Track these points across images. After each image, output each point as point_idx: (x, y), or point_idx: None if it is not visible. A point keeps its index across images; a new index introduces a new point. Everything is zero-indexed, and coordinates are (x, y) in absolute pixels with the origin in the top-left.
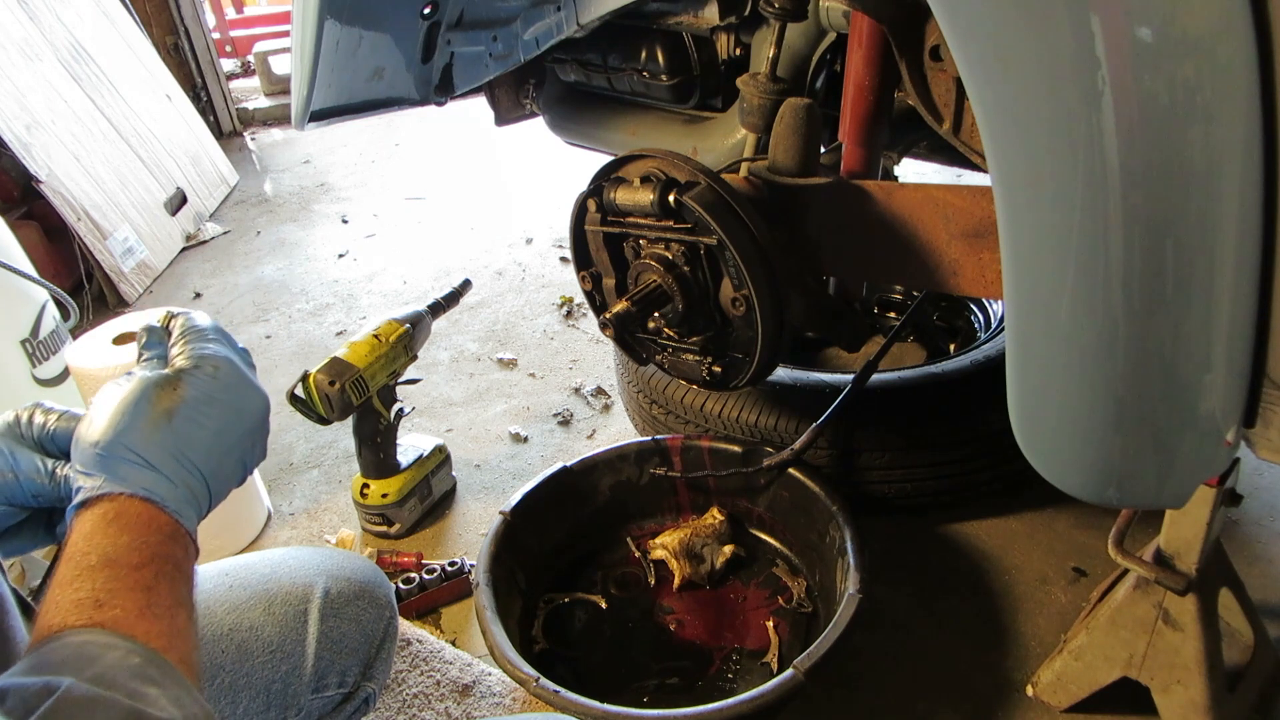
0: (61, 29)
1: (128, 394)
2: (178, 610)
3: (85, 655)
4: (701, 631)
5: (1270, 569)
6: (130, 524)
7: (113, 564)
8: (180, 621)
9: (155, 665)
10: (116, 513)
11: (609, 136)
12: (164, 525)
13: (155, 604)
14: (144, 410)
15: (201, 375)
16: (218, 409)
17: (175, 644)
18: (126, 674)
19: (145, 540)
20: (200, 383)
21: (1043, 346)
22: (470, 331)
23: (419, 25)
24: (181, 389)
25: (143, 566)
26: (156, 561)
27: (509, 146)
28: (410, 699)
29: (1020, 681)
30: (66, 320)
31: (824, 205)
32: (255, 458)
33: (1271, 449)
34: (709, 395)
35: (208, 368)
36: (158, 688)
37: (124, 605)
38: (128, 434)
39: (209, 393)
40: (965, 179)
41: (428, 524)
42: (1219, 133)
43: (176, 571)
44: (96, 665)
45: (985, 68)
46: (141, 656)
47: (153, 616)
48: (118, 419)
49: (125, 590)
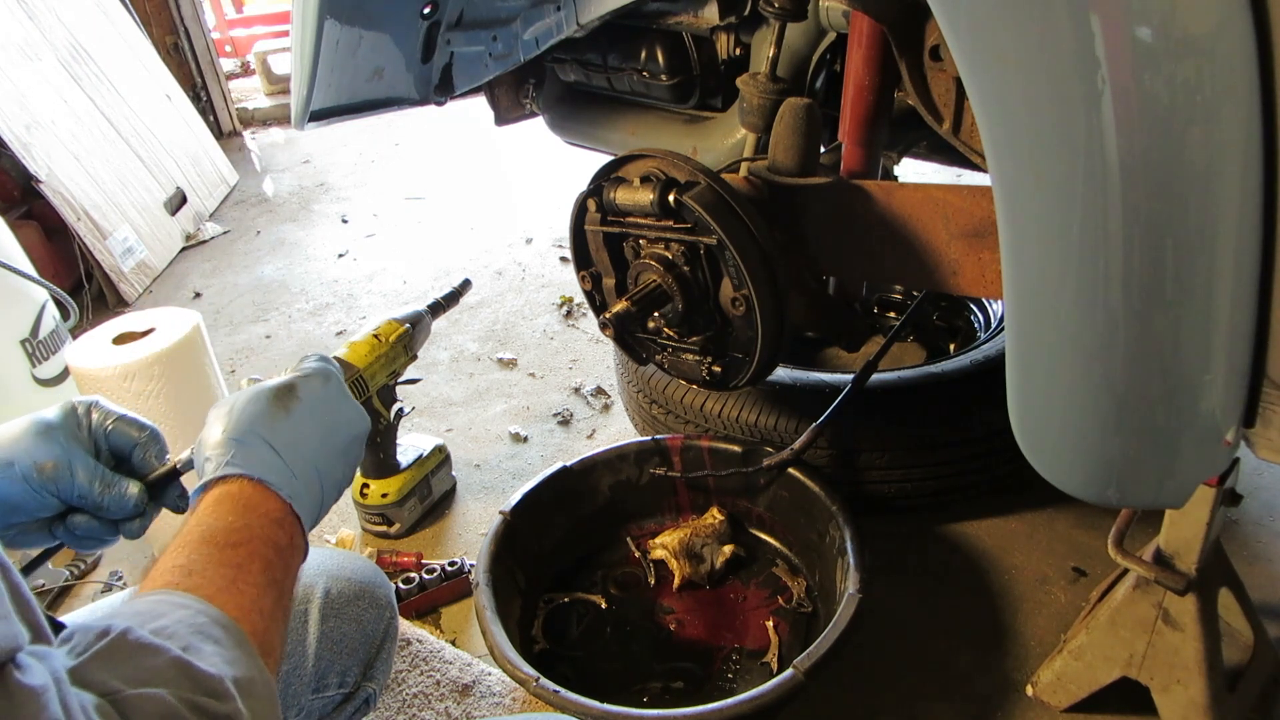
0: (61, 29)
1: (247, 395)
2: (266, 591)
3: (155, 611)
4: (701, 631)
5: (1270, 569)
6: (236, 505)
7: (209, 540)
8: (266, 602)
9: (221, 627)
10: (227, 494)
11: (609, 136)
12: (272, 510)
13: (242, 580)
14: (263, 406)
15: (313, 382)
16: (328, 412)
17: (252, 619)
18: (187, 629)
19: (247, 522)
20: (312, 388)
21: (1043, 346)
22: (470, 331)
23: (419, 25)
24: (296, 391)
25: (239, 545)
26: (254, 543)
27: (509, 146)
28: (410, 699)
29: (1020, 681)
30: (66, 320)
31: (824, 205)
32: (351, 474)
33: (1271, 449)
34: (709, 395)
35: (317, 378)
36: (216, 646)
37: (210, 576)
38: (252, 423)
39: (320, 397)
40: (965, 179)
41: (428, 524)
42: (1219, 133)
43: (276, 555)
44: (162, 619)
45: (985, 68)
46: (209, 618)
47: (236, 591)
48: (240, 414)
49: (215, 565)
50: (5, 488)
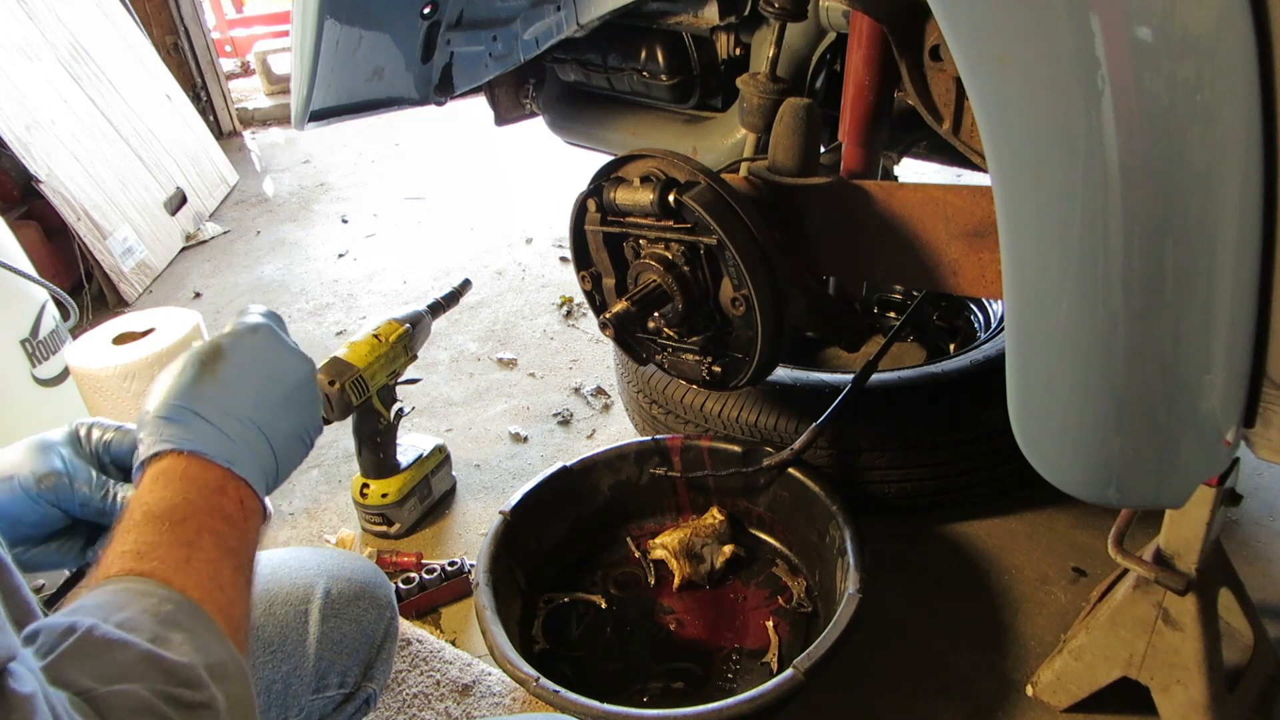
0: (61, 29)
1: (175, 365)
2: (222, 563)
3: (116, 602)
4: (701, 631)
5: (1270, 569)
6: (173, 480)
7: (155, 519)
8: (224, 574)
9: (187, 613)
10: (162, 470)
11: (609, 136)
12: (211, 479)
13: (195, 558)
14: (190, 373)
15: (242, 339)
16: (261, 366)
17: (215, 596)
18: (153, 620)
19: (187, 496)
20: (241, 345)
21: (1043, 346)
22: (470, 331)
23: (419, 25)
24: (223, 352)
25: (185, 521)
26: (199, 516)
27: (509, 146)
28: (410, 699)
29: (1020, 681)
30: (66, 320)
31: (824, 205)
32: (312, 426)
33: (1271, 449)
34: (709, 395)
35: (245, 334)
36: (184, 633)
37: (163, 558)
38: (175, 394)
39: (250, 353)
40: (965, 179)
41: (427, 524)
42: (1219, 132)
43: (227, 526)
44: (126, 610)
45: (985, 67)
46: (174, 604)
47: (192, 570)
48: (166, 386)
49: (166, 544)
50: (6, 501)
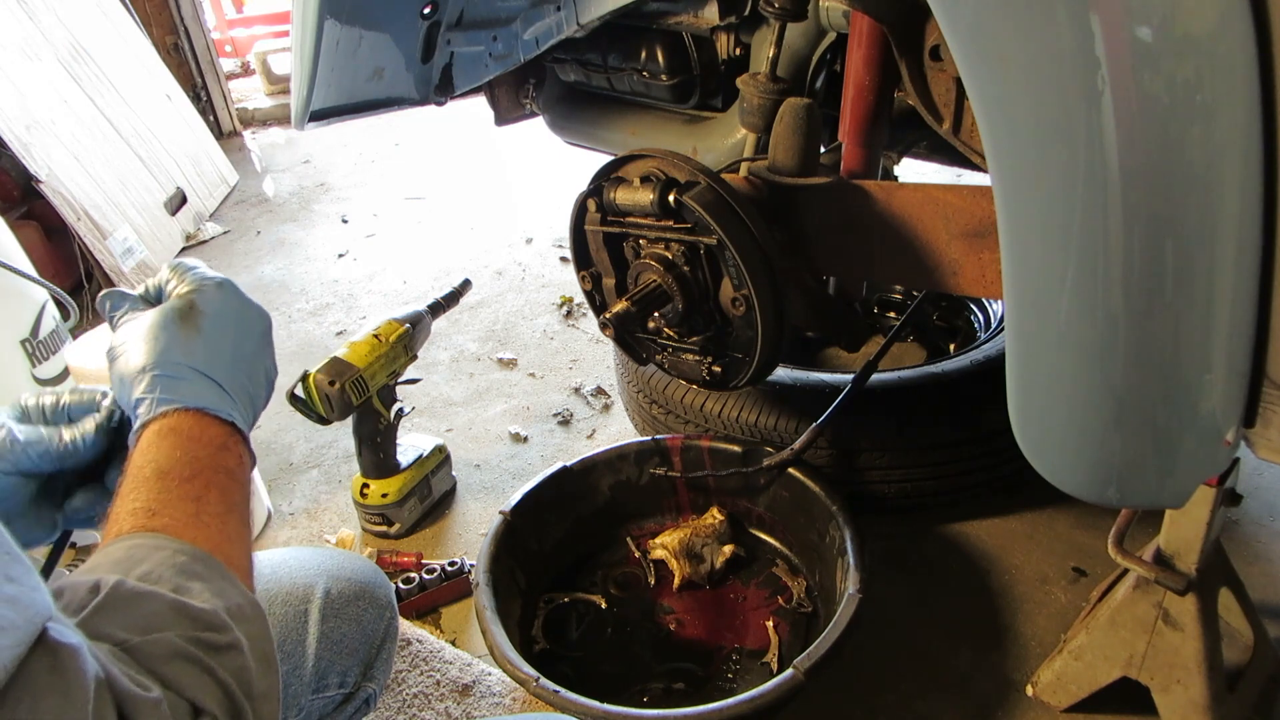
0: (61, 29)
1: (154, 323)
2: (229, 517)
3: (134, 557)
4: (701, 631)
5: (1270, 569)
6: (183, 438)
7: (165, 476)
8: (231, 527)
9: (201, 562)
10: (170, 428)
11: (609, 136)
12: (215, 436)
13: (205, 512)
14: (174, 331)
15: (209, 293)
16: (234, 320)
17: (223, 547)
18: (172, 571)
19: (195, 454)
20: (211, 300)
21: (1043, 346)
22: (470, 331)
23: (419, 25)
24: (198, 307)
25: (194, 478)
26: (207, 472)
27: (509, 146)
28: (410, 699)
29: (1020, 681)
30: (66, 320)
31: (824, 205)
32: (273, 371)
33: (1271, 449)
34: (709, 395)
35: (211, 287)
36: (201, 582)
37: (174, 514)
38: (169, 352)
39: (222, 307)
40: (965, 179)
41: (428, 524)
42: (1219, 132)
43: (229, 480)
44: (144, 564)
45: (985, 67)
46: (188, 555)
47: (201, 524)
48: (154, 343)
49: (177, 500)
50: None
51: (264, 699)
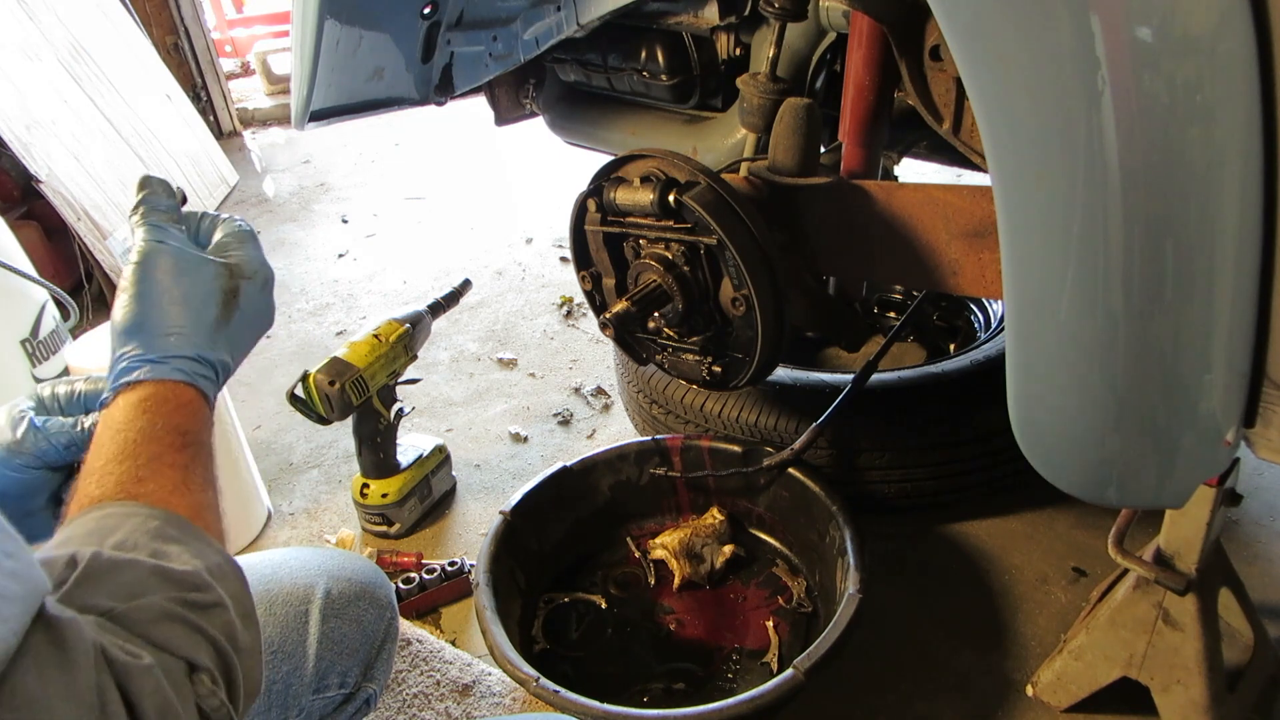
0: (61, 29)
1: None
2: (207, 488)
3: (106, 527)
4: (701, 631)
5: (1270, 569)
6: (178, 409)
7: (156, 443)
8: (210, 497)
9: (174, 525)
10: (166, 396)
11: (609, 136)
12: (203, 415)
13: (189, 481)
14: (214, 312)
15: (255, 286)
16: (259, 320)
17: (203, 515)
18: (147, 537)
19: (189, 427)
20: (253, 294)
21: (1043, 346)
22: (470, 331)
23: (419, 25)
24: (240, 296)
25: (184, 449)
26: (194, 446)
27: (509, 146)
28: (410, 699)
29: (1020, 681)
30: (66, 320)
31: (824, 205)
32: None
33: (1271, 449)
34: (709, 395)
35: (260, 279)
36: (179, 545)
37: (160, 482)
38: (197, 328)
39: (255, 306)
40: (965, 179)
41: (428, 524)
42: (1219, 132)
43: (209, 455)
44: (118, 533)
45: (985, 67)
46: (160, 519)
47: (185, 492)
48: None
49: (165, 469)
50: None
51: (248, 652)
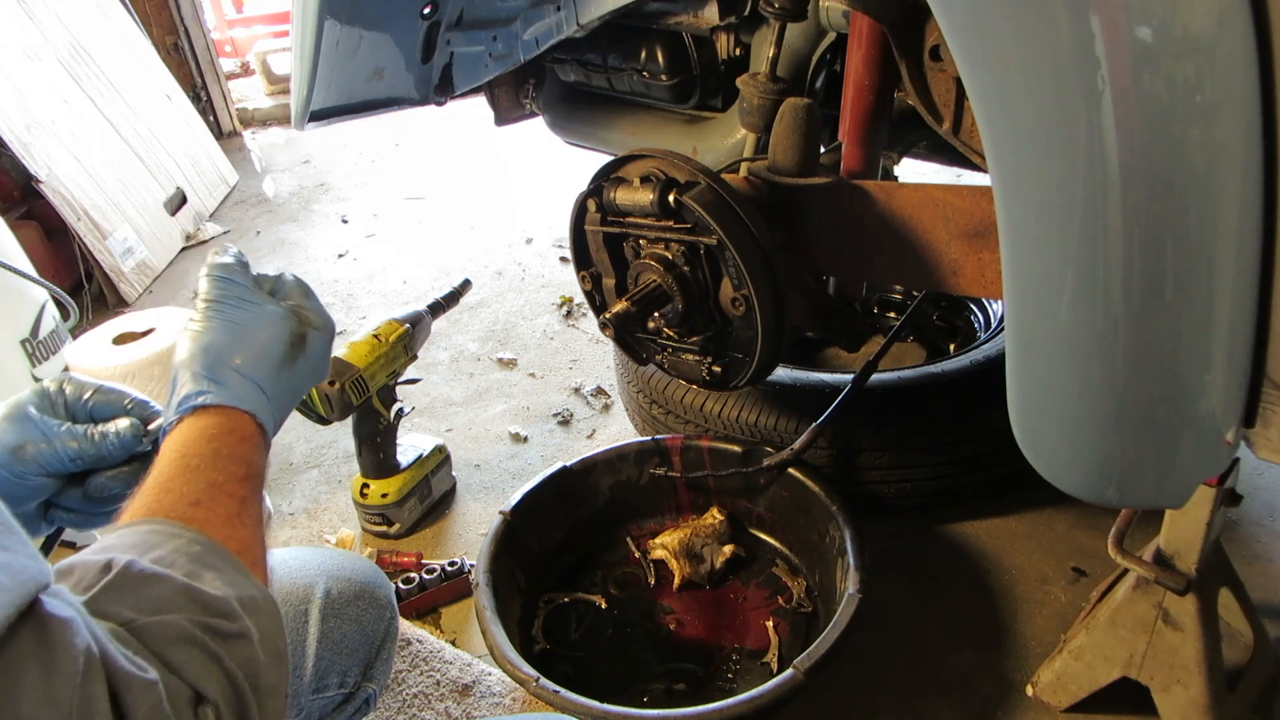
0: (61, 29)
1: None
2: (258, 525)
3: (149, 542)
4: (701, 631)
5: (1270, 569)
6: (241, 440)
7: (218, 470)
8: (260, 534)
9: (215, 554)
10: (230, 427)
11: (609, 136)
12: (263, 451)
13: (244, 514)
14: (281, 351)
15: (322, 338)
16: (318, 370)
17: (251, 549)
18: (186, 558)
19: (253, 459)
20: (318, 345)
21: (1043, 346)
22: (470, 331)
23: (419, 25)
24: (308, 345)
25: (245, 480)
26: (254, 479)
27: (509, 146)
28: (410, 699)
29: (1020, 681)
30: (66, 320)
31: (824, 205)
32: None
33: (1271, 449)
34: (709, 395)
35: (327, 334)
36: (215, 571)
37: (215, 510)
38: (263, 365)
39: (320, 354)
40: (965, 179)
41: (428, 524)
42: (1219, 133)
43: (263, 492)
44: (159, 550)
45: (985, 67)
46: (203, 546)
47: (238, 524)
48: (258, 348)
49: (224, 497)
50: None
51: (271, 693)
